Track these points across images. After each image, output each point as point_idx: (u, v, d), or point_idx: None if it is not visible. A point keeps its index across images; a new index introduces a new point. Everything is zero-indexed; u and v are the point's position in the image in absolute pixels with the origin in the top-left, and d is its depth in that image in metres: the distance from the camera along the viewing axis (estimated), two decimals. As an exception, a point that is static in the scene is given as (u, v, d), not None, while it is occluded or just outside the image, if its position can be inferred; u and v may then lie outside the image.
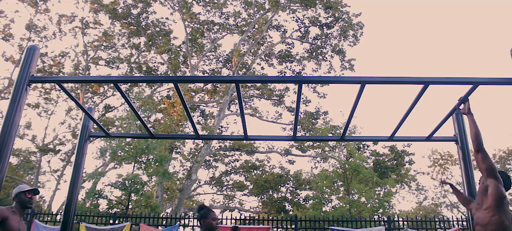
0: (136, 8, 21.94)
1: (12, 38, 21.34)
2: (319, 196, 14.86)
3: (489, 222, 2.83)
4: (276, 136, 5.60)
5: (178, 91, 3.18)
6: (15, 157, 23.32)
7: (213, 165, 23.31)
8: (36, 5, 21.20)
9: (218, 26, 22.91)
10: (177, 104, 18.34)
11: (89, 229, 7.91)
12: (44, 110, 22.88)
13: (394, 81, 2.95)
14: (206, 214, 3.27)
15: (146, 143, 12.31)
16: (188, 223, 9.02)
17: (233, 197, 24.27)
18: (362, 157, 16.07)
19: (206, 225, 3.23)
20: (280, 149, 22.36)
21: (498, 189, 2.84)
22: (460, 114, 3.95)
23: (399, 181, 21.52)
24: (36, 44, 10.03)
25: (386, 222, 8.39)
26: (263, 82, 22.19)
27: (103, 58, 22.71)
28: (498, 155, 24.41)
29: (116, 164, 19.24)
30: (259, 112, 23.32)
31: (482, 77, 2.88)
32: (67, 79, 6.77)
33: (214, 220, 3.25)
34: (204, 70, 22.93)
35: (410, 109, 3.38)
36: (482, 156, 2.92)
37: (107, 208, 12.65)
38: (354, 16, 22.11)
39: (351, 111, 3.42)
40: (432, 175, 26.74)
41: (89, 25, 22.13)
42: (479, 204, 2.97)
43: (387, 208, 14.71)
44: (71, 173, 3.94)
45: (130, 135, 7.84)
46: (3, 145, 2.78)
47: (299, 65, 22.76)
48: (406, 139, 4.58)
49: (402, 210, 25.18)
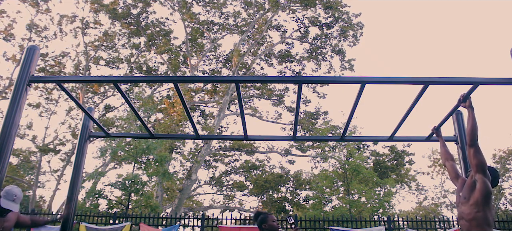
0: (136, 8, 21.94)
1: (14, 38, 21.36)
2: (319, 196, 14.86)
3: (474, 217, 2.87)
4: (276, 136, 5.61)
5: (178, 91, 3.19)
6: (15, 157, 23.32)
7: (213, 165, 23.31)
8: (37, 5, 21.20)
9: (218, 26, 22.92)
10: (177, 104, 18.33)
11: (89, 229, 7.91)
12: (45, 110, 22.88)
13: (394, 81, 2.95)
14: (265, 218, 3.56)
15: (146, 143, 12.31)
16: (188, 223, 9.02)
17: (233, 197, 24.27)
18: (362, 157, 16.07)
19: (268, 228, 3.51)
20: (280, 149, 22.37)
21: (485, 185, 2.87)
22: (460, 114, 3.96)
23: (399, 181, 21.52)
24: (36, 44, 10.03)
25: (386, 222, 8.38)
26: (263, 82, 22.21)
27: (104, 58, 22.72)
28: (498, 155, 24.41)
29: (116, 164, 19.23)
30: (259, 112, 23.33)
31: (482, 77, 2.88)
32: (67, 79, 6.77)
33: (273, 222, 3.54)
34: (204, 70, 22.95)
35: (410, 109, 3.38)
36: (474, 150, 2.92)
37: (107, 208, 12.65)
38: (354, 16, 22.11)
39: (351, 111, 3.42)
40: (432, 175, 26.76)
41: (89, 25, 22.14)
42: (466, 199, 3.00)
43: (387, 208, 14.71)
44: (71, 173, 3.95)
45: (130, 135, 7.84)
46: (3, 145, 2.78)
47: (299, 65, 22.78)
48: (406, 139, 4.59)
49: (402, 210, 25.21)
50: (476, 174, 2.92)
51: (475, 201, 2.89)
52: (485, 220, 2.84)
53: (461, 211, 3.04)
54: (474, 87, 2.98)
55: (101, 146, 13.50)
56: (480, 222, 2.84)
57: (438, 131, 3.82)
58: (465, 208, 2.98)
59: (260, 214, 3.65)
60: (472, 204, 2.91)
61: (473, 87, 3.00)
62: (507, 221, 8.21)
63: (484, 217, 2.84)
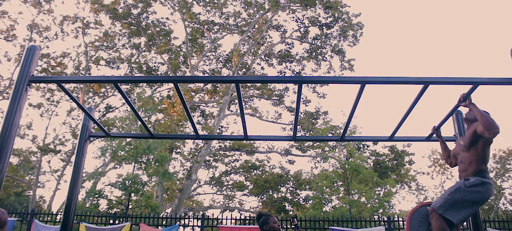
0: (136, 8, 21.95)
1: (15, 39, 21.36)
2: (319, 196, 14.86)
3: (470, 155, 3.15)
4: (276, 136, 5.61)
5: (178, 91, 3.19)
6: (16, 157, 23.32)
7: (213, 165, 23.30)
8: (39, 5, 21.19)
9: (218, 26, 22.92)
10: (177, 104, 18.33)
11: (89, 229, 7.91)
12: (45, 110, 22.88)
13: (394, 81, 2.95)
14: (267, 220, 3.60)
15: (147, 143, 12.32)
16: (188, 223, 9.02)
17: (233, 197, 24.27)
18: (362, 157, 16.06)
19: (270, 230, 3.56)
20: (280, 149, 22.36)
21: (489, 140, 3.12)
22: (460, 114, 3.96)
23: (399, 181, 21.52)
24: (36, 45, 10.02)
25: (386, 222, 8.38)
26: (263, 82, 22.22)
27: (104, 59, 22.73)
28: (498, 155, 24.40)
29: (116, 164, 19.23)
30: (259, 112, 23.31)
31: (482, 77, 2.88)
32: (67, 79, 6.77)
33: (274, 223, 3.61)
34: (204, 70, 22.95)
35: (410, 109, 3.39)
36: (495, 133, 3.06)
37: (107, 208, 12.65)
38: (354, 16, 22.10)
39: (351, 111, 3.43)
40: (432, 175, 26.75)
41: (90, 25, 22.15)
42: (466, 147, 3.22)
43: (387, 208, 14.71)
44: (71, 173, 3.95)
45: (130, 135, 7.84)
46: (3, 145, 2.78)
47: (299, 65, 22.76)
48: (406, 139, 4.60)
49: (402, 210, 25.20)
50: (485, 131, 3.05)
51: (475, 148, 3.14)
52: (483, 157, 3.13)
53: (461, 156, 3.30)
54: (474, 87, 2.99)
55: (101, 146, 13.48)
56: (477, 159, 3.12)
57: (438, 131, 3.82)
58: (465, 153, 3.23)
59: (262, 215, 3.69)
60: (473, 151, 3.15)
61: (473, 87, 3.00)
62: (507, 221, 8.21)
63: (481, 154, 3.13)
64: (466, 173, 3.13)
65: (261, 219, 3.65)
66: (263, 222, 3.61)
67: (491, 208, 23.64)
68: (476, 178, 3.03)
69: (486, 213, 21.56)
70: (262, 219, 3.64)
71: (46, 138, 22.56)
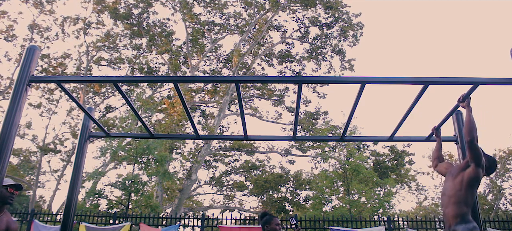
0: (137, 8, 21.96)
1: (15, 39, 21.35)
2: (319, 196, 14.86)
3: (454, 194, 3.00)
4: (276, 136, 5.61)
5: (178, 92, 3.19)
6: (16, 156, 23.30)
7: (213, 165, 23.30)
8: (40, 5, 21.19)
9: (218, 27, 22.92)
10: (177, 104, 18.33)
11: (89, 229, 7.91)
12: (45, 110, 22.87)
13: (394, 81, 2.95)
14: (270, 220, 3.60)
15: (147, 143, 12.32)
16: (188, 223, 9.03)
17: (233, 197, 24.27)
18: (362, 157, 16.07)
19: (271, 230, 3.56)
20: (280, 149, 22.36)
21: (476, 172, 2.97)
22: (460, 114, 3.96)
23: (399, 181, 21.50)
24: (36, 45, 10.04)
25: (386, 222, 8.39)
26: (263, 82, 22.22)
27: (105, 59, 22.73)
28: (498, 155, 24.39)
29: (116, 164, 19.23)
30: (259, 112, 23.32)
31: (482, 77, 2.88)
32: (67, 79, 6.76)
33: (277, 225, 3.60)
34: (204, 70, 22.95)
35: (410, 109, 3.38)
36: (472, 147, 2.97)
37: (107, 208, 12.65)
38: (354, 16, 22.10)
39: (351, 111, 3.42)
40: (432, 175, 26.74)
41: (92, 25, 22.15)
42: (453, 175, 3.12)
43: (387, 208, 14.71)
44: (71, 173, 3.94)
45: (130, 135, 7.85)
46: (3, 145, 2.78)
47: (299, 65, 22.77)
48: (406, 139, 4.59)
49: (402, 210, 25.19)
50: (472, 163, 2.99)
51: (461, 180, 2.99)
52: (465, 199, 2.94)
53: (445, 187, 3.17)
54: (474, 87, 2.98)
55: (101, 146, 13.49)
56: (460, 200, 2.94)
57: (438, 131, 3.83)
58: (449, 184, 3.11)
59: (266, 215, 3.70)
60: (458, 181, 3.01)
61: (473, 87, 3.00)
62: (507, 221, 8.22)
63: (464, 197, 2.95)
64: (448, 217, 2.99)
65: (265, 218, 3.66)
66: (266, 222, 3.61)
67: (491, 208, 23.65)
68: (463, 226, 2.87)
69: (486, 213, 21.55)
70: (266, 219, 3.64)
71: (46, 138, 22.57)
